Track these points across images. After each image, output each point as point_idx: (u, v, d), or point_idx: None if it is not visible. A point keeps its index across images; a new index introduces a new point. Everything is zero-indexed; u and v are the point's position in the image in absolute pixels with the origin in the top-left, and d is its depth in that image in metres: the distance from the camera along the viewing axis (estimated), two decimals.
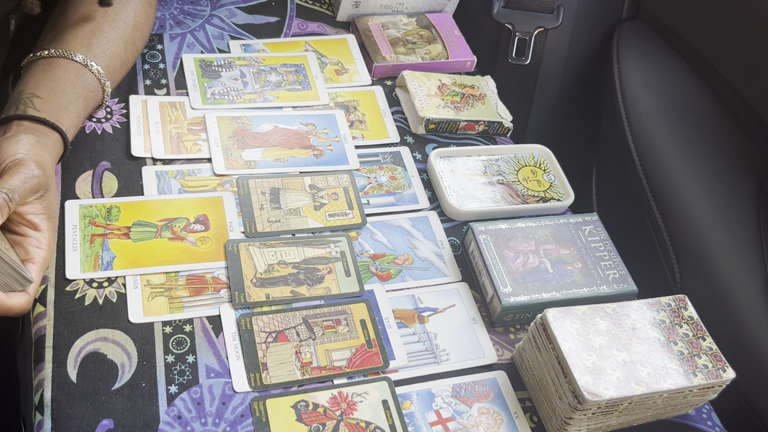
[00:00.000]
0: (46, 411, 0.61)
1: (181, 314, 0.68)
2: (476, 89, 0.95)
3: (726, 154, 0.99)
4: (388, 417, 0.65)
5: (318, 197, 0.81)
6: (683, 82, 1.07)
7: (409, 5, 1.05)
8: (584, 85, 1.20)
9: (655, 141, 1.01)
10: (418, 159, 0.89)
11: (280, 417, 0.63)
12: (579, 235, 0.79)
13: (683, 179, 0.97)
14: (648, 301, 0.69)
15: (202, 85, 0.89)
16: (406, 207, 0.83)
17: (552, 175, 0.88)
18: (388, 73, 0.98)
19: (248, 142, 0.84)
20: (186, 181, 0.79)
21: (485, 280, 0.75)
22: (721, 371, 0.65)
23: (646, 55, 1.10)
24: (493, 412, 0.67)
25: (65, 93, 0.73)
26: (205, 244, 0.74)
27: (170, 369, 0.65)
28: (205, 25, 0.98)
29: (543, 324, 0.66)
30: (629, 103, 1.06)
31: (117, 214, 0.74)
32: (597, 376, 0.62)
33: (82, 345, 0.65)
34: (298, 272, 0.74)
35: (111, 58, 0.79)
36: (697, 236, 0.93)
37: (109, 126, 0.82)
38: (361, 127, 0.90)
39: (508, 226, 0.78)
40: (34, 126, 0.69)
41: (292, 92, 0.92)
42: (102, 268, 0.70)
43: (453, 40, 1.02)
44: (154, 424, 0.61)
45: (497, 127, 0.93)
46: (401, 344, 0.70)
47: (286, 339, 0.68)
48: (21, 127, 0.68)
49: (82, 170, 0.78)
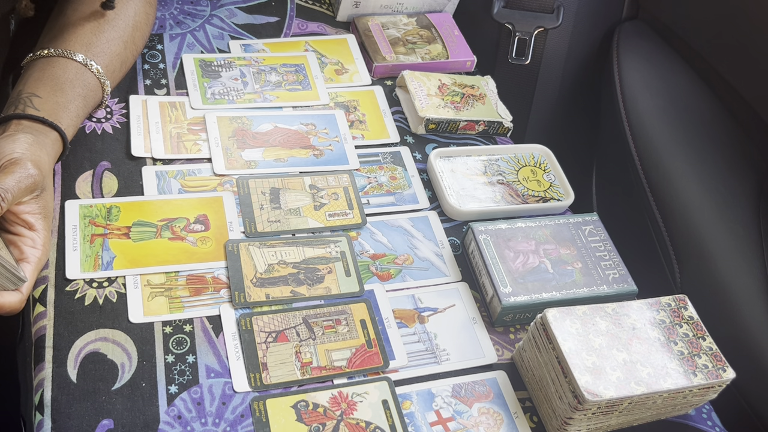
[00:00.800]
0: (46, 411, 0.60)
1: (181, 314, 0.68)
2: (476, 89, 0.95)
3: (726, 154, 0.99)
4: (388, 417, 0.65)
5: (318, 197, 0.81)
6: (683, 82, 1.07)
7: (409, 5, 1.05)
8: (584, 85, 1.20)
9: (655, 141, 1.01)
10: (418, 159, 0.88)
11: (280, 417, 0.63)
12: (579, 235, 0.79)
13: (683, 179, 0.97)
14: (648, 301, 0.69)
15: (202, 85, 0.89)
16: (406, 207, 0.83)
17: (552, 175, 0.88)
18: (388, 73, 0.98)
19: (248, 142, 0.84)
20: (186, 181, 0.79)
21: (485, 280, 0.75)
22: (721, 371, 0.65)
23: (646, 55, 1.10)
24: (493, 412, 0.67)
25: (64, 92, 0.73)
26: (205, 244, 0.74)
27: (170, 369, 0.65)
28: (205, 25, 0.98)
29: (543, 324, 0.66)
30: (629, 103, 1.06)
31: (117, 214, 0.74)
32: (597, 376, 0.62)
33: (82, 345, 0.65)
34: (298, 272, 0.74)
35: (111, 58, 0.79)
36: (697, 236, 0.93)
37: (109, 126, 0.82)
38: (361, 127, 0.90)
39: (508, 226, 0.78)
40: (32, 125, 0.69)
41: (292, 92, 0.91)
42: (102, 268, 0.70)
43: (453, 40, 1.02)
44: (154, 424, 0.61)
45: (497, 127, 0.93)
46: (401, 344, 0.70)
47: (286, 339, 0.68)
48: (19, 126, 0.68)
49: (82, 170, 0.78)
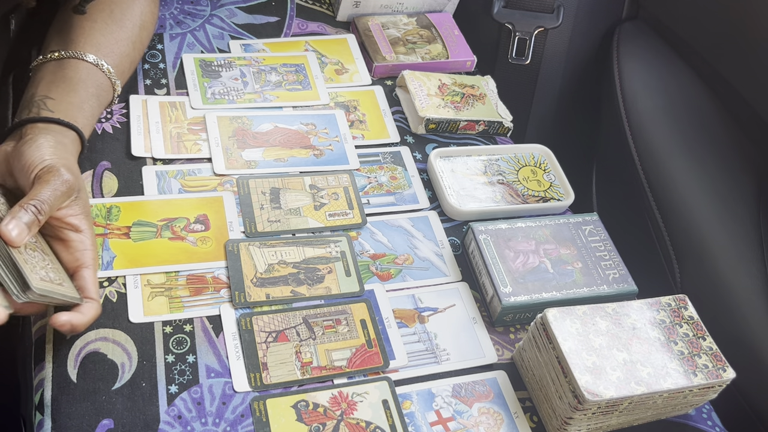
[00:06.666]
0: (46, 411, 0.60)
1: (181, 314, 0.68)
2: (476, 89, 0.95)
3: (726, 154, 0.99)
4: (389, 417, 0.65)
5: (318, 197, 0.81)
6: (683, 82, 1.07)
7: (409, 5, 1.05)
8: (584, 85, 1.20)
9: (655, 141, 1.01)
10: (418, 159, 0.88)
11: (281, 417, 0.63)
12: (579, 235, 0.79)
13: (683, 179, 0.97)
14: (648, 301, 0.69)
15: (202, 84, 0.89)
16: (406, 207, 0.83)
17: (552, 175, 0.88)
18: (388, 72, 0.98)
19: (248, 141, 0.84)
20: (186, 180, 0.79)
21: (485, 280, 0.75)
22: (721, 371, 0.65)
23: (646, 55, 1.10)
24: (493, 412, 0.67)
25: (78, 92, 0.73)
26: (205, 243, 0.74)
27: (170, 369, 0.65)
28: (205, 24, 0.98)
29: (543, 324, 0.66)
30: (629, 103, 1.06)
31: (117, 214, 0.74)
32: (597, 375, 0.62)
33: (82, 345, 0.65)
34: (299, 272, 0.74)
35: (120, 58, 0.79)
36: (697, 236, 0.93)
37: (109, 126, 0.82)
38: (361, 126, 0.90)
39: (508, 226, 0.78)
40: (48, 127, 0.68)
41: (292, 92, 0.91)
42: (102, 268, 0.70)
43: (453, 40, 1.02)
44: (154, 423, 0.61)
45: (497, 127, 0.93)
46: (401, 344, 0.70)
47: (287, 339, 0.68)
48: (36, 130, 0.67)
49: (82, 170, 0.77)
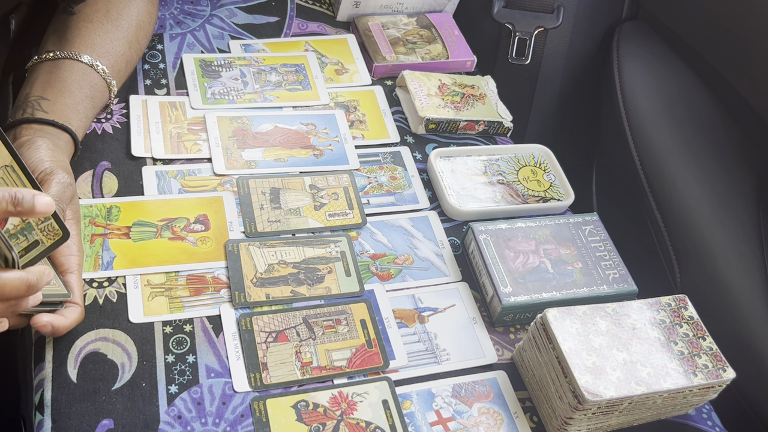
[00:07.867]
0: (46, 411, 0.60)
1: (181, 314, 0.68)
2: (476, 89, 0.95)
3: (726, 154, 0.99)
4: (389, 417, 0.65)
5: (318, 197, 0.81)
6: (683, 82, 1.07)
7: (409, 5, 1.05)
8: (584, 85, 1.20)
9: (655, 141, 1.01)
10: (418, 159, 0.88)
11: (281, 417, 0.63)
12: (579, 235, 0.79)
13: (683, 179, 0.97)
14: (648, 301, 0.69)
15: (202, 85, 0.89)
16: (406, 207, 0.83)
17: (552, 175, 0.88)
18: (388, 73, 0.98)
19: (248, 142, 0.84)
20: (186, 181, 0.79)
21: (485, 280, 0.75)
22: (721, 371, 0.65)
23: (646, 55, 1.10)
24: (493, 412, 0.67)
25: (72, 94, 0.73)
26: (205, 244, 0.74)
27: (170, 369, 0.65)
28: (205, 25, 0.98)
29: (543, 324, 0.66)
30: (629, 103, 1.06)
31: (117, 214, 0.74)
32: (597, 376, 0.62)
33: (82, 345, 0.65)
34: (298, 272, 0.74)
35: (116, 58, 0.79)
36: (697, 236, 0.93)
37: (109, 126, 0.82)
38: (361, 127, 0.90)
39: (508, 226, 0.78)
40: (43, 128, 0.68)
41: (292, 92, 0.91)
42: (102, 268, 0.70)
43: (453, 40, 1.02)
44: (154, 424, 0.61)
45: (497, 127, 0.93)
46: (401, 344, 0.70)
47: (286, 339, 0.68)
48: (31, 131, 0.67)
49: (82, 170, 0.77)
